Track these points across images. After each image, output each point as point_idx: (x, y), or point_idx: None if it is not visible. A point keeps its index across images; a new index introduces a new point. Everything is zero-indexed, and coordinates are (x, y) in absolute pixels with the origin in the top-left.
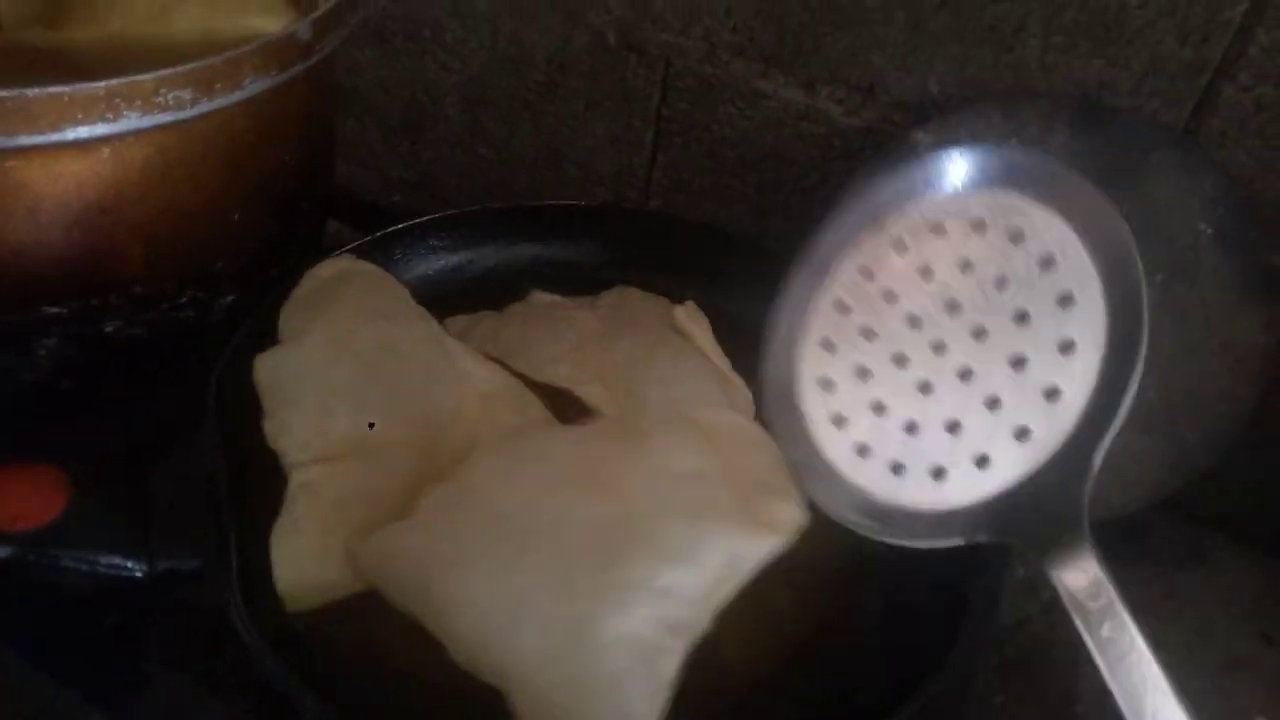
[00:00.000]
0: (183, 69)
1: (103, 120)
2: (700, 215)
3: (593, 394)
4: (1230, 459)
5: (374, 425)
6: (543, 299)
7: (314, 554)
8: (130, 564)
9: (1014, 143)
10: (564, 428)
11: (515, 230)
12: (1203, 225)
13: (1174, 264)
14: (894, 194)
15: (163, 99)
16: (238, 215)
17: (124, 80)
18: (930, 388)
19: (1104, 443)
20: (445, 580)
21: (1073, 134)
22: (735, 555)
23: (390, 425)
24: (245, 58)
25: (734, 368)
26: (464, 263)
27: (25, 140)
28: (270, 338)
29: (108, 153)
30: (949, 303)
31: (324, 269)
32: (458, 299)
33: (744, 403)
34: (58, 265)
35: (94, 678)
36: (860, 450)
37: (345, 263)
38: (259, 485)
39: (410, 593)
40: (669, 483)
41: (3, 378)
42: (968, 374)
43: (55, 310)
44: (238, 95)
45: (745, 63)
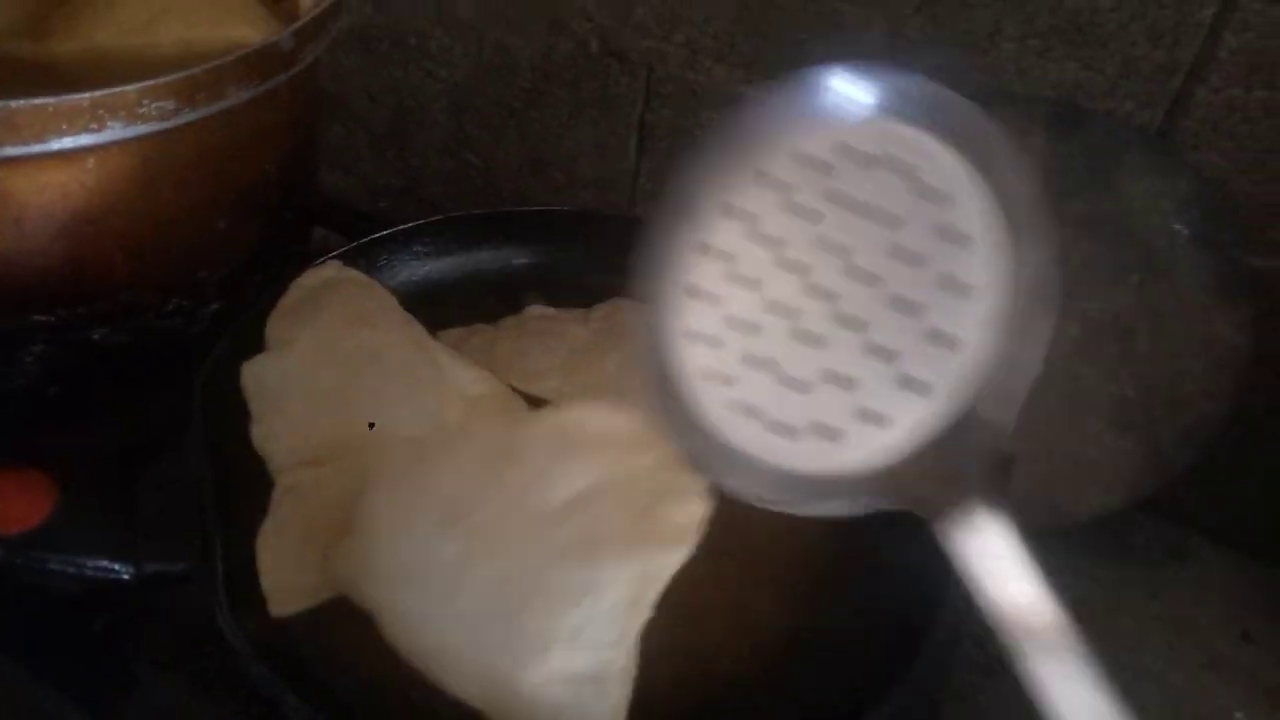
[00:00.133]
0: (166, 80)
1: (87, 131)
2: None
3: None
4: (1210, 458)
5: (374, 425)
6: (536, 312)
7: (299, 557)
8: (118, 567)
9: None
10: (450, 453)
11: (500, 236)
12: (1178, 226)
13: (1150, 265)
14: (766, 127)
15: (146, 109)
16: (222, 224)
17: (108, 91)
18: (819, 340)
19: (991, 390)
20: (383, 625)
21: (1049, 136)
22: (641, 575)
23: (376, 430)
24: (228, 68)
25: None
26: (449, 268)
27: (10, 151)
28: (256, 345)
29: (92, 163)
30: (834, 246)
31: (310, 278)
32: (443, 304)
33: None
34: (44, 274)
35: (82, 680)
36: (747, 412)
37: (331, 270)
38: (245, 489)
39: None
40: (557, 516)
41: None
42: (858, 323)
43: (43, 318)
44: (220, 105)
45: (726, 68)
